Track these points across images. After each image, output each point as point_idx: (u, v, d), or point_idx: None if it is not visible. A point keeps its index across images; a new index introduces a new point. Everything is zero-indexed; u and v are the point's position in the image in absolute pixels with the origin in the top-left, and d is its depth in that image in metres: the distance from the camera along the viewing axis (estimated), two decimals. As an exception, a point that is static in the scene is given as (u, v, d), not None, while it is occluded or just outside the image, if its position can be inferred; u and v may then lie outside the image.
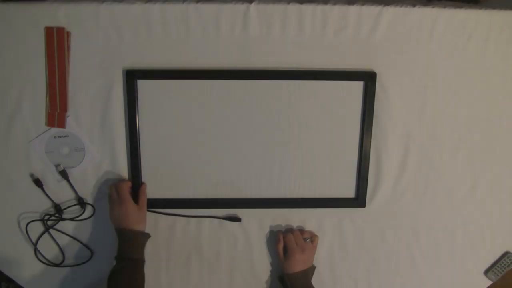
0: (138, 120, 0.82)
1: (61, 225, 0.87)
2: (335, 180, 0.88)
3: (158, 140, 0.84)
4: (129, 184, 0.84)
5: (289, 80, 0.83)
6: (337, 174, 0.88)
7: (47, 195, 0.85)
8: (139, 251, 0.80)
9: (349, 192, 0.89)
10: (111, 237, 0.83)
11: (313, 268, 0.86)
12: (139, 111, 0.82)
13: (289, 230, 0.89)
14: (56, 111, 0.82)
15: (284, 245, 0.85)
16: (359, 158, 0.87)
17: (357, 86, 0.84)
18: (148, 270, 0.88)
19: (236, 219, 0.88)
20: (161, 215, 0.87)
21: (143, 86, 0.82)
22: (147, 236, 0.83)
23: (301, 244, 0.84)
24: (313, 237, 0.88)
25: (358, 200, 0.88)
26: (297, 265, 0.83)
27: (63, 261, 0.89)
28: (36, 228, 0.87)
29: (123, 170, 0.85)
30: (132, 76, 0.80)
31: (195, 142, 0.85)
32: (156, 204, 0.86)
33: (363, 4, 0.80)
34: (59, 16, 0.78)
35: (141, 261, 0.80)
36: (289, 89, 0.83)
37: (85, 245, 0.88)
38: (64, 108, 0.82)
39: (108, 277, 0.77)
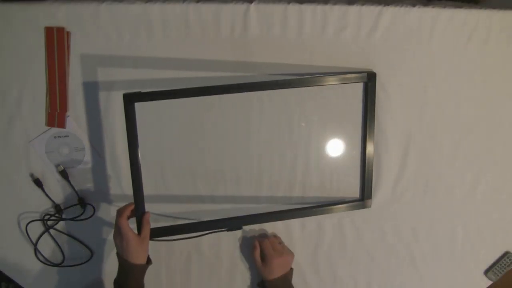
0: (138, 142, 0.76)
1: (61, 225, 0.87)
2: (338, 182, 0.88)
3: (158, 146, 0.84)
4: (128, 212, 0.75)
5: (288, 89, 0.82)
6: (340, 175, 0.88)
7: (47, 195, 0.85)
8: (137, 283, 0.76)
9: (354, 193, 0.89)
10: (111, 237, 0.83)
11: (291, 271, 0.86)
12: (138, 132, 0.76)
13: (263, 236, 0.89)
14: (56, 111, 0.82)
15: (261, 252, 0.85)
16: (362, 158, 0.87)
17: (357, 87, 0.84)
18: (148, 270, 0.88)
19: (237, 227, 0.86)
20: (161, 216, 0.87)
21: (142, 107, 0.76)
22: (147, 265, 0.78)
23: (278, 248, 0.84)
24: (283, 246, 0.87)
25: (364, 201, 0.88)
26: (276, 270, 0.82)
27: (63, 261, 0.89)
28: (36, 228, 0.87)
29: (123, 170, 0.85)
30: (130, 99, 0.74)
31: (195, 145, 0.85)
32: (159, 232, 0.82)
33: (363, 4, 0.80)
34: (59, 16, 0.78)
35: None
36: (289, 90, 0.83)
37: (85, 245, 0.88)
38: (64, 108, 0.82)
39: None
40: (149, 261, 0.78)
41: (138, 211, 0.77)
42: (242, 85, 0.77)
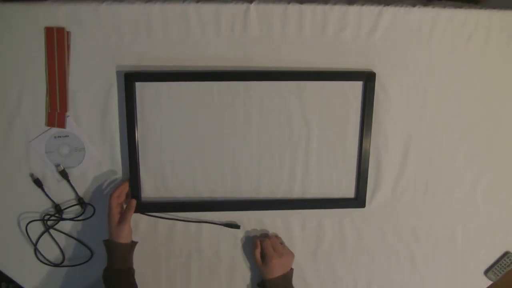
0: (136, 122, 0.82)
1: (61, 225, 0.87)
2: (334, 180, 0.88)
3: (157, 141, 0.84)
4: (121, 191, 0.82)
5: (288, 81, 0.83)
6: (337, 174, 0.88)
7: (47, 195, 0.85)
8: (118, 262, 0.79)
9: (349, 192, 0.89)
10: (111, 237, 0.83)
11: (291, 271, 0.86)
12: (137, 113, 0.82)
13: (265, 236, 0.89)
14: (56, 111, 0.82)
15: (262, 251, 0.85)
16: (358, 158, 0.87)
17: (356, 86, 0.84)
18: (148, 270, 0.88)
19: (235, 226, 0.88)
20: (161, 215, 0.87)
21: (142, 88, 0.82)
22: (127, 246, 0.80)
23: (278, 249, 0.84)
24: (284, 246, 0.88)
25: (358, 200, 0.88)
26: (276, 270, 0.83)
27: (63, 261, 0.89)
28: (36, 228, 0.87)
29: (123, 170, 0.85)
30: (130, 79, 0.80)
31: (194, 143, 0.85)
32: (155, 207, 0.86)
33: (363, 4, 0.80)
34: (59, 16, 0.78)
35: (123, 271, 0.80)
36: (288, 90, 0.83)
37: (85, 245, 0.88)
38: (64, 108, 0.82)
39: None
40: (133, 242, 0.82)
41: (133, 187, 0.84)
42: (243, 74, 0.81)
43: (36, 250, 0.88)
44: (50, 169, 0.85)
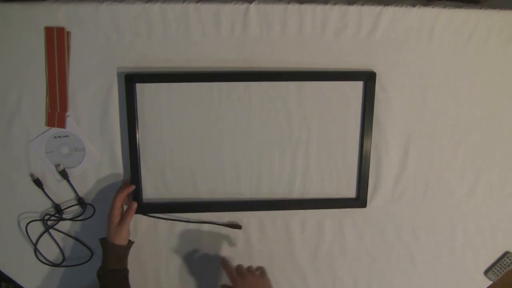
0: (137, 123, 0.82)
1: (61, 225, 0.87)
2: (335, 180, 0.88)
3: (157, 142, 0.84)
4: (126, 192, 0.81)
5: (288, 81, 0.83)
6: (338, 174, 0.88)
7: (47, 195, 0.85)
8: (113, 262, 0.79)
9: (350, 192, 0.89)
10: (111, 237, 0.83)
11: None
12: (138, 114, 0.82)
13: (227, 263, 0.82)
14: (56, 111, 0.82)
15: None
16: (359, 158, 0.87)
17: (357, 86, 0.84)
18: (148, 270, 0.88)
19: (237, 226, 0.88)
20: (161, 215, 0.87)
21: (142, 89, 0.82)
22: (123, 248, 0.79)
23: (243, 271, 0.76)
24: (261, 270, 0.81)
25: (359, 200, 0.88)
26: None
27: (63, 261, 0.89)
28: (36, 228, 0.87)
29: (123, 170, 0.85)
30: (131, 80, 0.80)
31: (194, 143, 0.85)
32: (155, 208, 0.86)
33: (363, 4, 0.80)
34: (59, 16, 0.78)
35: (117, 271, 0.79)
36: (288, 90, 0.83)
37: (85, 245, 0.88)
38: (64, 108, 0.82)
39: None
40: (130, 243, 0.82)
41: (132, 195, 0.84)
42: (243, 74, 0.81)
43: (36, 250, 0.88)
44: (50, 169, 0.85)
